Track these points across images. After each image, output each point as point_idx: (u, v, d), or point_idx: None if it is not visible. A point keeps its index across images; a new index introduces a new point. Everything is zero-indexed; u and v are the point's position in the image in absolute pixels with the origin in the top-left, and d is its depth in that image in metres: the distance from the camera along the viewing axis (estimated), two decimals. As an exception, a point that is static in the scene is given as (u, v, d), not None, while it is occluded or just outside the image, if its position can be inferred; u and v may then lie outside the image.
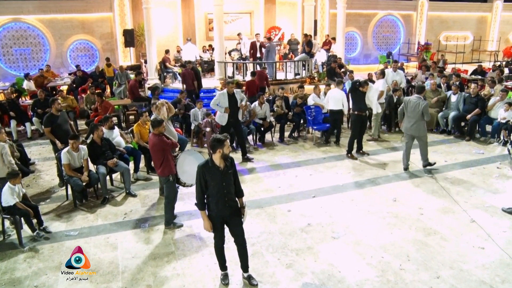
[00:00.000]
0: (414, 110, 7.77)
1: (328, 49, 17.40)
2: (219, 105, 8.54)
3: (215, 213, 4.54)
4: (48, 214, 6.64)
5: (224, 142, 4.36)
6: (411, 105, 7.83)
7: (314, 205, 6.82)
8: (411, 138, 8.06)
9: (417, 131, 7.86)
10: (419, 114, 7.71)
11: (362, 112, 8.78)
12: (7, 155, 6.49)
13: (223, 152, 4.37)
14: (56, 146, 7.66)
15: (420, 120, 7.77)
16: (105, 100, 11.19)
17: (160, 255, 5.45)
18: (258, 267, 5.11)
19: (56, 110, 7.64)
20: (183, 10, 18.14)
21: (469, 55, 22.63)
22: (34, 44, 16.94)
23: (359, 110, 8.78)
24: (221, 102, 8.53)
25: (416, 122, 7.79)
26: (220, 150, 4.36)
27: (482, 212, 6.46)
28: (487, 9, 24.11)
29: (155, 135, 5.89)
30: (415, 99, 7.84)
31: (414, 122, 7.82)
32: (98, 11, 17.33)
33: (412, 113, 7.81)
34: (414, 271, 4.98)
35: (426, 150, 8.09)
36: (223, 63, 14.73)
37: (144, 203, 7.02)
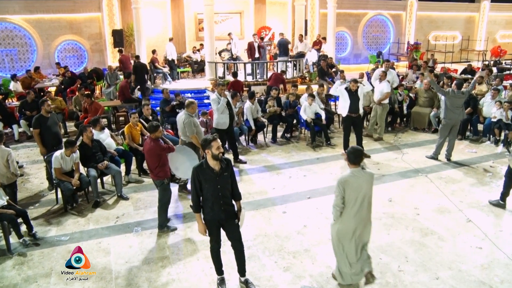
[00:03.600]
0: (458, 100, 8.31)
1: (319, 49, 17.39)
2: (220, 106, 8.30)
3: (211, 216, 4.42)
4: (38, 219, 6.46)
5: (211, 142, 4.22)
6: (454, 96, 8.29)
7: (309, 206, 6.74)
8: (450, 128, 8.44)
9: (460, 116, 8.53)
10: (462, 103, 8.45)
11: (351, 113, 8.70)
12: (14, 162, 6.38)
13: (212, 153, 4.25)
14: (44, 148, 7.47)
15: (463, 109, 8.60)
16: (95, 101, 10.99)
17: (154, 259, 5.32)
18: (255, 270, 5.01)
19: (46, 111, 7.45)
20: (173, 10, 17.98)
21: (457, 54, 22.82)
22: (21, 45, 16.64)
23: (349, 111, 8.72)
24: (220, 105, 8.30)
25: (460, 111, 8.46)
26: (209, 151, 4.24)
27: (478, 212, 6.45)
28: (475, 9, 24.34)
29: (152, 139, 5.76)
30: (457, 92, 8.36)
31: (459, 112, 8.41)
32: (86, 11, 17.08)
33: (457, 103, 8.32)
34: (413, 273, 4.93)
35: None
36: (214, 63, 14.61)
37: (136, 206, 6.88)
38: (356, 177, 4.29)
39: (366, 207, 4.39)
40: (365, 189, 4.33)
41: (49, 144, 7.38)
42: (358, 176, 4.30)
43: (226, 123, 8.38)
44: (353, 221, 4.37)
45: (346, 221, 4.39)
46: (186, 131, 7.28)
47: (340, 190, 4.29)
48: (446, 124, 8.40)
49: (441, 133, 8.61)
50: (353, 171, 4.32)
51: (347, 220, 4.38)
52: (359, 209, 4.33)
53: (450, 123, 8.35)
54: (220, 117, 8.35)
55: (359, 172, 4.32)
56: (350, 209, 4.33)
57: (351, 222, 4.37)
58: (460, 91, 8.39)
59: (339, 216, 4.41)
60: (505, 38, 25.59)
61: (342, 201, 4.32)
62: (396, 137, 10.44)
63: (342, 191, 4.29)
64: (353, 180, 4.28)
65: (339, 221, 4.45)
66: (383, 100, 9.89)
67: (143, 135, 8.14)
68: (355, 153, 4.33)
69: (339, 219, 4.43)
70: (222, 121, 8.35)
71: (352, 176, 4.30)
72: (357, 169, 4.32)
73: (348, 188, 4.28)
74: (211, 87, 13.57)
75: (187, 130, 7.25)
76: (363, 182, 4.31)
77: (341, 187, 4.29)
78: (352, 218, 4.35)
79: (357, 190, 4.29)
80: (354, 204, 4.31)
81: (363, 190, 4.32)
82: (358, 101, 8.66)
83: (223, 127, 8.37)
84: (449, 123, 8.36)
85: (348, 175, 4.32)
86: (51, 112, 7.58)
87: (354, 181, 4.28)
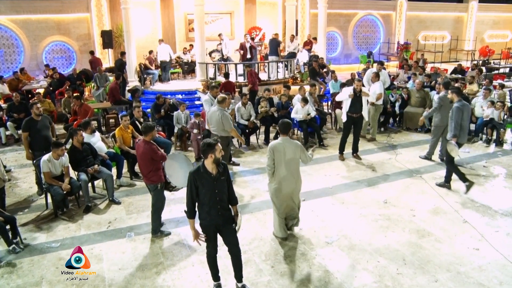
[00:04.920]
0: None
1: (310, 49, 17.35)
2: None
3: (208, 221, 4.32)
4: (27, 225, 6.28)
5: (215, 146, 4.16)
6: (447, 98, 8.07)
7: (304, 208, 6.63)
8: (443, 128, 8.24)
9: None
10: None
11: (352, 113, 8.63)
12: (1, 166, 6.26)
13: (215, 157, 4.16)
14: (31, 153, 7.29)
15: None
16: (84, 103, 10.81)
17: (148, 266, 5.20)
18: (252, 276, 4.92)
19: (36, 114, 7.27)
20: (162, 10, 17.80)
21: (446, 54, 22.96)
22: (7, 46, 16.33)
23: (350, 112, 8.64)
24: None
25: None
26: (212, 155, 4.15)
27: (473, 212, 6.44)
28: (463, 9, 24.56)
29: (145, 142, 5.61)
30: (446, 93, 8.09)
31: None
32: (74, 12, 16.82)
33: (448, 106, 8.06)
34: (411, 275, 4.88)
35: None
36: (204, 64, 14.48)
37: (128, 210, 6.74)
38: (283, 144, 5.38)
39: (294, 168, 5.45)
40: (291, 154, 5.39)
41: (39, 148, 7.21)
42: (285, 144, 5.38)
43: None
44: (284, 180, 5.41)
45: (278, 180, 5.42)
46: (223, 126, 7.32)
47: (271, 154, 5.38)
48: (440, 124, 8.38)
49: (434, 133, 8.60)
50: (282, 139, 5.43)
51: (278, 179, 5.41)
52: (287, 169, 5.38)
53: (444, 124, 8.33)
54: None
55: (286, 140, 5.43)
56: (280, 169, 5.38)
57: (282, 180, 5.41)
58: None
59: (272, 175, 5.45)
60: (493, 38, 25.88)
61: (273, 162, 5.37)
62: (389, 138, 10.43)
63: (272, 154, 5.37)
64: (281, 146, 5.36)
65: (273, 181, 5.46)
66: (377, 101, 9.85)
67: (134, 137, 8.00)
68: (283, 124, 5.47)
69: (273, 178, 5.45)
70: None
71: (280, 143, 5.38)
72: (285, 137, 5.44)
73: (277, 152, 5.35)
74: (202, 88, 13.44)
75: (224, 124, 7.33)
76: (289, 148, 5.38)
77: (271, 151, 5.38)
78: (282, 177, 5.40)
79: (284, 154, 5.36)
80: (283, 165, 5.36)
81: (289, 154, 5.38)
82: (360, 101, 8.55)
83: None
84: (443, 124, 8.34)
85: (277, 142, 5.42)
86: (41, 114, 7.41)
87: (281, 147, 5.36)
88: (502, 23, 26.17)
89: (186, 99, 13.08)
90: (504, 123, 9.74)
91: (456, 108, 7.12)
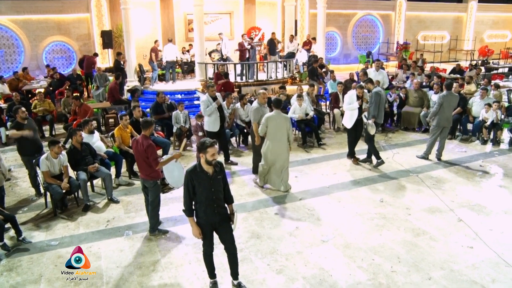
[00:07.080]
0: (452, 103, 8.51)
1: (309, 49, 17.40)
2: (209, 109, 8.19)
3: (204, 220, 4.38)
4: (27, 224, 6.35)
5: (207, 148, 4.18)
6: (449, 99, 8.40)
7: (301, 207, 6.73)
8: (441, 128, 8.51)
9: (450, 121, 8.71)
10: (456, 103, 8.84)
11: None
12: (2, 161, 6.35)
13: (205, 158, 4.21)
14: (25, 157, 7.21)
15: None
16: (84, 103, 10.88)
17: (146, 263, 5.26)
18: (248, 273, 4.98)
19: (21, 118, 7.15)
20: (162, 10, 17.88)
21: (446, 54, 23.01)
22: (8, 46, 16.40)
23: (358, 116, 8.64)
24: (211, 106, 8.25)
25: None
26: (203, 155, 4.21)
27: (468, 211, 6.50)
28: (463, 9, 24.60)
29: (144, 137, 5.63)
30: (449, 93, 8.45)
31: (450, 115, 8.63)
32: (74, 12, 16.90)
33: (450, 106, 8.48)
34: (405, 273, 4.94)
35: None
36: (204, 64, 14.54)
37: (127, 209, 6.81)
38: (275, 116, 6.97)
39: (283, 137, 7.00)
40: (281, 125, 6.95)
41: (29, 152, 7.11)
42: (277, 116, 6.97)
43: (217, 126, 8.34)
44: (275, 146, 7.00)
45: (270, 145, 7.02)
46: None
47: (265, 123, 6.99)
48: (438, 125, 8.42)
49: (432, 133, 8.65)
50: (275, 112, 6.99)
51: (271, 144, 7.02)
52: (277, 138, 6.98)
53: (443, 124, 8.38)
54: (209, 120, 8.31)
55: (279, 113, 7.00)
56: (273, 137, 6.99)
57: (274, 146, 7.00)
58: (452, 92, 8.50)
59: (264, 131, 7.06)
60: (492, 38, 25.93)
61: (266, 130, 7.01)
62: (386, 137, 10.48)
63: (266, 123, 6.98)
64: (273, 117, 6.96)
65: (268, 147, 7.04)
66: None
67: (133, 137, 8.05)
68: (276, 100, 7.12)
69: (268, 145, 7.08)
70: (212, 123, 8.31)
71: (274, 115, 6.98)
72: (277, 111, 7.00)
73: (270, 122, 6.96)
74: (201, 88, 13.50)
75: (251, 115, 7.84)
76: (280, 120, 6.96)
77: (266, 121, 6.98)
78: (274, 144, 6.99)
79: (276, 125, 6.94)
80: (275, 134, 6.96)
81: (280, 125, 6.94)
82: (361, 106, 8.53)
83: (214, 130, 8.33)
84: (442, 124, 8.38)
85: (272, 114, 7.02)
86: (27, 118, 7.30)
87: (274, 118, 6.96)
88: (502, 23, 26.23)
89: (186, 99, 13.17)
90: (501, 123, 9.79)
91: (375, 93, 8.16)
